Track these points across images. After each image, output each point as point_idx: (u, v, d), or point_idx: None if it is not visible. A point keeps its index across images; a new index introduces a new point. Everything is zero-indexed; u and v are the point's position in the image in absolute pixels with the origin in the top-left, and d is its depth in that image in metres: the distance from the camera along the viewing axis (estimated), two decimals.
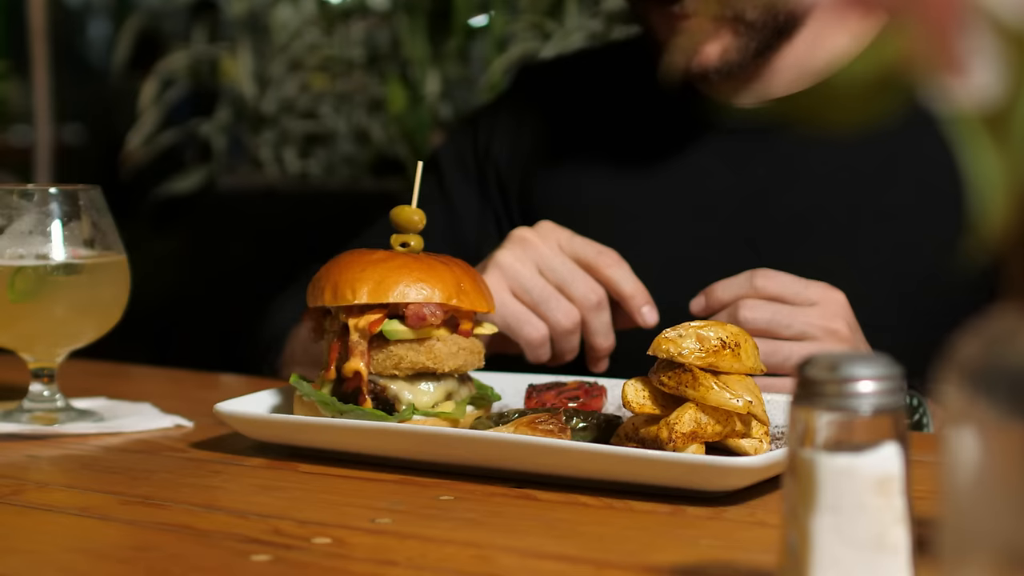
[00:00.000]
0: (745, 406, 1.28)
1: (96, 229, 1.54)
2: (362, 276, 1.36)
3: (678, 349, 1.30)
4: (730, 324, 1.34)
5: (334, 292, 1.37)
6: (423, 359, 1.36)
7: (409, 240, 1.42)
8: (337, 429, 1.33)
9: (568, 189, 1.89)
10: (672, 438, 1.28)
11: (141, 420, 1.52)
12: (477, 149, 1.99)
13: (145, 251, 3.82)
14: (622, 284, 1.59)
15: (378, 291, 1.35)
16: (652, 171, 1.85)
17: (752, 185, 1.78)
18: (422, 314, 1.35)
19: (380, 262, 1.38)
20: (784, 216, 1.76)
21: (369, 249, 1.41)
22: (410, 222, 1.42)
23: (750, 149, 1.79)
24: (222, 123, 3.54)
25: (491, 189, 1.97)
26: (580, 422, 1.38)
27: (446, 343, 1.38)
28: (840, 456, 0.90)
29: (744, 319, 1.49)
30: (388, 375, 1.37)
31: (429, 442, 1.29)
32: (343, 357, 1.37)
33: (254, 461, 1.36)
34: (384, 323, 1.36)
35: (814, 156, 1.77)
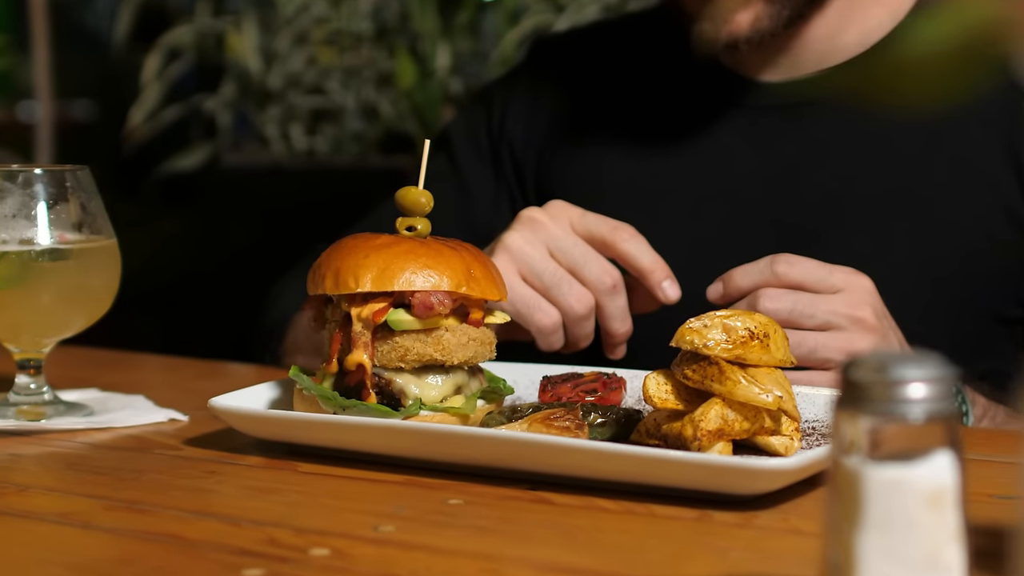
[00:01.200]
0: (775, 401, 1.19)
1: (84, 212, 1.45)
2: (365, 263, 1.28)
3: (703, 340, 1.22)
4: (758, 313, 1.25)
5: (336, 279, 1.29)
6: (430, 351, 1.28)
7: (416, 224, 1.34)
8: (338, 427, 1.24)
9: (586, 168, 1.81)
10: (697, 436, 1.19)
11: (133, 414, 1.44)
12: (491, 125, 1.90)
13: (147, 231, 3.76)
14: (639, 258, 1.50)
15: (382, 279, 1.27)
16: (674, 150, 1.76)
17: (779, 164, 1.70)
18: (429, 303, 1.27)
19: (385, 247, 1.29)
20: (813, 197, 1.68)
21: (373, 233, 1.33)
22: (417, 204, 1.34)
23: (777, 127, 1.71)
24: (227, 99, 3.48)
25: (505, 168, 1.88)
26: (598, 417, 1.29)
27: (455, 333, 1.29)
28: (888, 467, 0.81)
29: (765, 309, 1.40)
30: (393, 368, 1.28)
31: (437, 441, 1.20)
32: (345, 349, 1.28)
33: (251, 460, 1.28)
34: (389, 313, 1.27)
35: (845, 134, 1.69)
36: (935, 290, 1.64)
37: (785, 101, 1.72)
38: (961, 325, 1.66)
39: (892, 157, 1.67)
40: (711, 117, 1.75)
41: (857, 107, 1.68)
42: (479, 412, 1.31)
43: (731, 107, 1.74)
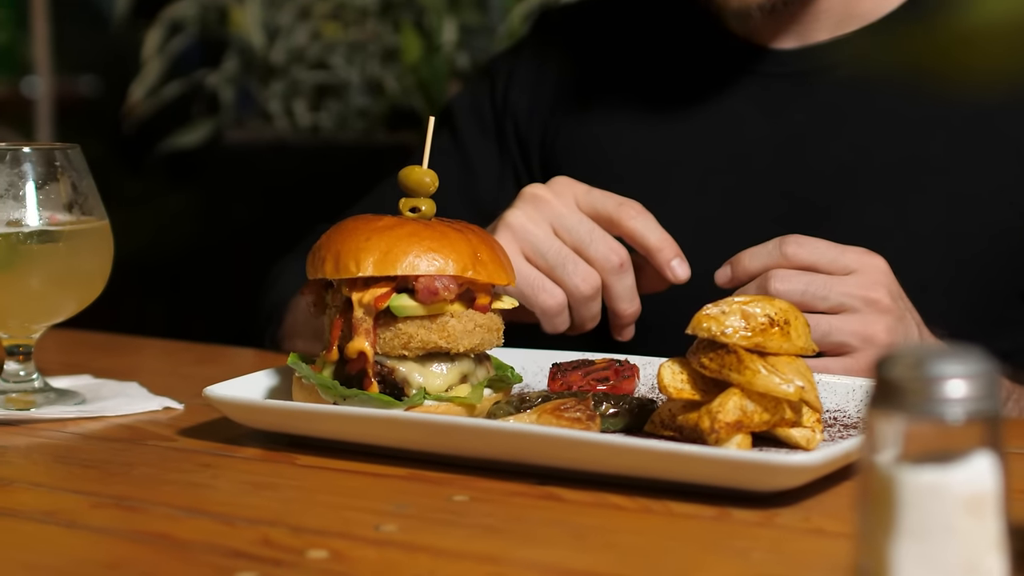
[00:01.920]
0: (797, 392, 1.14)
1: (76, 192, 1.39)
2: (367, 246, 1.22)
3: (720, 327, 1.16)
4: (779, 300, 1.19)
5: (336, 263, 1.23)
6: (435, 338, 1.22)
7: (420, 204, 1.28)
8: (338, 418, 1.19)
9: (592, 139, 1.75)
10: (715, 428, 1.14)
11: (126, 402, 1.39)
12: (495, 100, 1.84)
13: (152, 208, 3.72)
14: (647, 236, 1.44)
15: (385, 262, 1.21)
16: (682, 119, 1.71)
17: (791, 133, 1.64)
18: (434, 288, 1.21)
19: (387, 230, 1.23)
20: (826, 167, 1.62)
21: (375, 215, 1.27)
22: (421, 184, 1.28)
23: (790, 94, 1.65)
24: (230, 74, 3.43)
25: (510, 143, 1.82)
26: (610, 408, 1.24)
27: (461, 320, 1.23)
28: (925, 471, 0.76)
29: (776, 291, 1.34)
30: (396, 356, 1.23)
31: (441, 433, 1.15)
32: (346, 336, 1.23)
33: (247, 451, 1.22)
34: (392, 298, 1.22)
35: (859, 101, 1.63)
36: (958, 267, 1.59)
37: (798, 68, 1.66)
38: (984, 302, 1.60)
39: (906, 125, 1.62)
40: (721, 85, 1.69)
41: (874, 75, 1.62)
42: (486, 402, 1.25)
43: (742, 74, 1.68)
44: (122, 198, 3.98)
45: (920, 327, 1.40)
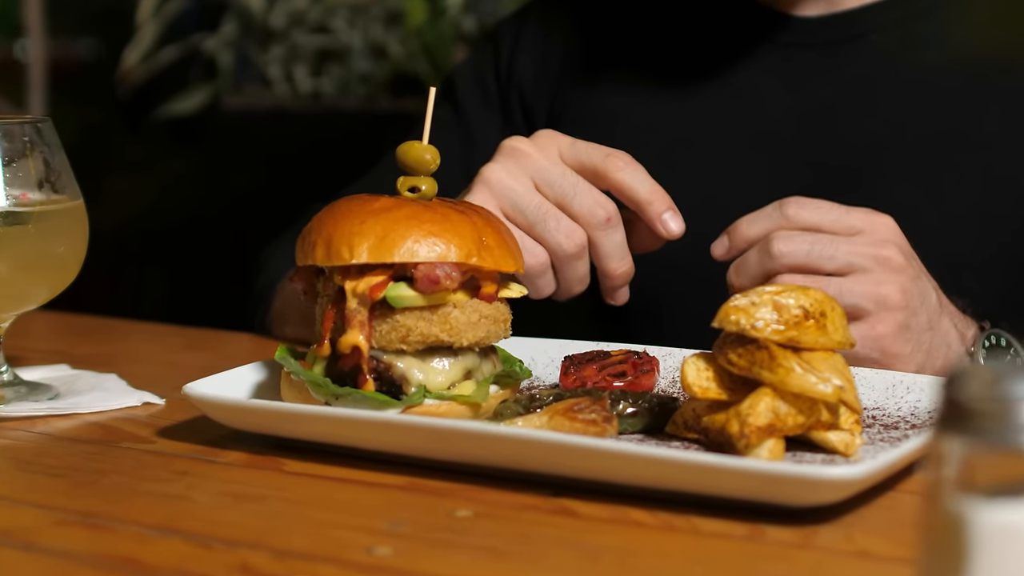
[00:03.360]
0: (835, 392, 1.03)
1: (48, 168, 1.29)
2: (361, 230, 1.11)
3: (750, 320, 1.05)
4: (813, 289, 1.09)
5: (327, 249, 1.12)
6: (436, 331, 1.12)
7: (420, 184, 1.17)
8: (329, 420, 1.08)
9: (603, 111, 1.64)
10: (744, 433, 1.03)
11: (102, 397, 1.28)
12: (499, 69, 1.73)
13: (151, 174, 3.63)
14: (636, 188, 1.31)
15: (381, 248, 1.10)
16: (697, 93, 1.60)
17: (816, 106, 1.54)
18: (435, 276, 1.10)
19: (383, 212, 1.13)
20: (853, 142, 1.52)
21: (371, 195, 1.16)
22: (421, 162, 1.17)
23: (814, 65, 1.55)
24: (228, 38, 3.36)
25: (515, 115, 1.71)
26: (628, 407, 1.13)
27: (464, 310, 1.13)
28: (1002, 507, 0.65)
29: (779, 252, 1.23)
30: (394, 350, 1.12)
31: (442, 439, 1.04)
32: (339, 328, 1.12)
33: (231, 456, 1.11)
34: (388, 287, 1.11)
35: (892, 73, 1.51)
36: (993, 247, 1.48)
37: (823, 38, 1.56)
38: (1020, 284, 1.50)
39: (939, 98, 1.52)
40: (741, 56, 1.59)
41: (907, 44, 1.51)
42: (492, 400, 1.15)
43: (763, 44, 1.57)
44: (123, 163, 3.91)
45: (938, 293, 1.29)
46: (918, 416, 1.15)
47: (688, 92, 1.61)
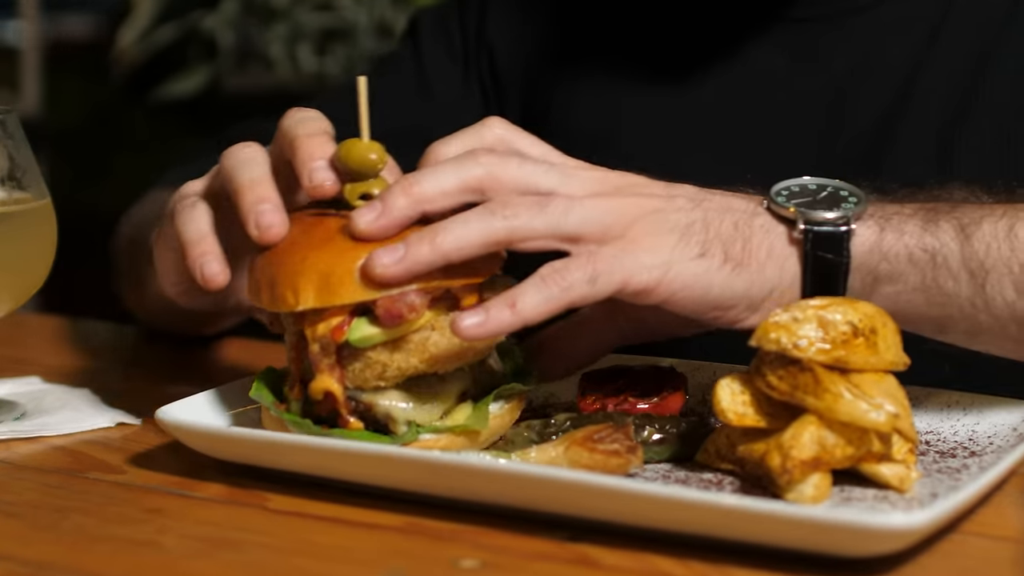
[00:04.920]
0: (889, 421, 0.91)
1: (12, 164, 1.17)
2: (303, 268, 0.96)
3: (792, 339, 0.94)
4: (862, 302, 0.97)
5: (271, 293, 0.98)
6: (415, 362, 0.98)
7: (371, 189, 1.00)
8: (319, 452, 0.96)
9: (594, 110, 1.51)
10: (787, 468, 0.91)
11: (72, 418, 1.16)
12: (465, 25, 1.59)
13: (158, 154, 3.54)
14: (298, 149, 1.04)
15: (327, 290, 0.96)
16: (697, 77, 1.47)
17: (827, 83, 1.42)
18: (396, 311, 0.96)
19: (326, 242, 0.97)
20: (867, 122, 1.40)
21: (317, 212, 1.01)
22: (365, 163, 1.00)
23: (824, 40, 1.42)
24: (228, 16, 3.28)
25: (483, 77, 1.57)
26: (654, 433, 1.02)
27: (444, 332, 0.98)
28: None
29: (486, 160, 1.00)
30: (372, 388, 0.99)
31: (444, 475, 0.92)
32: (308, 370, 0.99)
33: (210, 489, 1.00)
34: (351, 327, 0.97)
35: (904, 44, 1.40)
36: None
37: (833, 9, 1.44)
38: None
39: (961, 73, 1.39)
40: (745, 31, 1.46)
41: (926, 14, 1.39)
42: (496, 420, 1.02)
43: (768, 20, 1.45)
44: (133, 143, 3.82)
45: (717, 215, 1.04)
46: (977, 442, 1.03)
47: (687, 79, 1.49)
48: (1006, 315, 1.03)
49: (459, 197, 0.98)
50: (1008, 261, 1.02)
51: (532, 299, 0.95)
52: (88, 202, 3.98)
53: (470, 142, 1.03)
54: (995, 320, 1.03)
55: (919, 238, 1.03)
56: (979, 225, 1.03)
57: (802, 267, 1.02)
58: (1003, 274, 1.02)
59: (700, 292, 0.99)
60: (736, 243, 1.01)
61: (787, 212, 1.03)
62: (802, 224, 1.02)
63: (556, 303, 0.95)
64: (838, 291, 1.01)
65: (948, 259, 1.02)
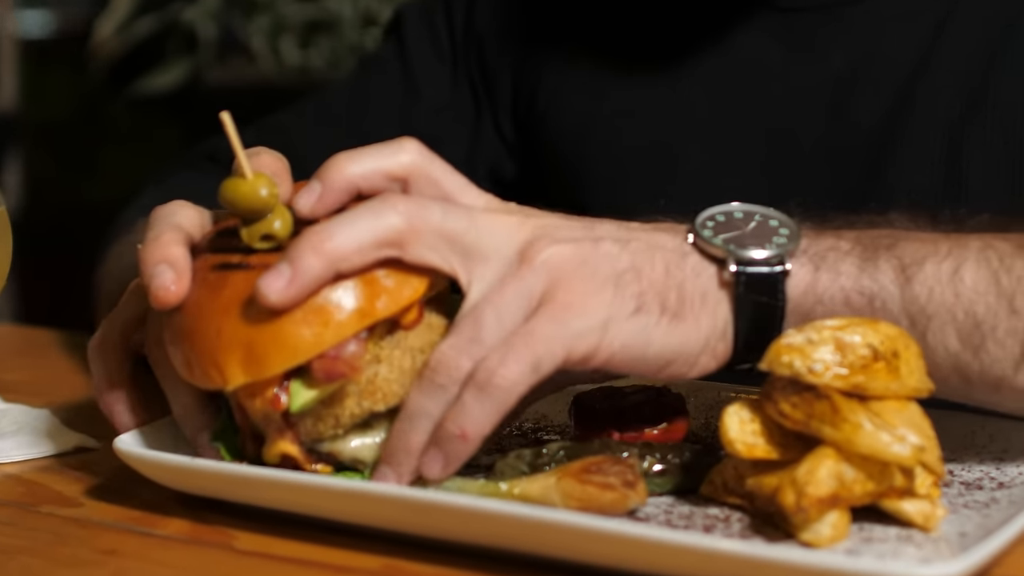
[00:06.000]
0: (914, 454, 0.84)
1: None
2: (220, 343, 0.87)
3: (807, 363, 0.86)
4: (883, 322, 0.89)
5: (192, 371, 0.89)
6: (367, 405, 0.88)
7: (270, 227, 0.89)
8: (290, 488, 0.88)
9: (583, 92, 1.43)
10: (802, 506, 0.84)
11: (29, 442, 1.08)
12: (452, 21, 1.52)
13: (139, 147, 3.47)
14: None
15: (253, 364, 0.86)
16: (691, 65, 1.40)
17: (824, 79, 1.35)
18: (337, 372, 0.86)
19: (236, 304, 0.87)
20: (869, 120, 1.33)
21: (219, 268, 0.90)
22: (257, 202, 0.89)
23: (821, 32, 1.36)
24: (209, 8, 3.21)
25: (471, 73, 1.50)
26: (655, 463, 0.94)
27: (392, 362, 0.89)
28: None
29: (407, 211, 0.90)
30: (330, 436, 0.90)
31: (422, 514, 0.85)
32: (258, 434, 0.91)
33: (171, 526, 0.92)
34: (289, 394, 0.87)
35: (908, 38, 1.34)
36: None
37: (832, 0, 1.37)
38: None
39: (969, 69, 1.32)
40: (736, 23, 1.39)
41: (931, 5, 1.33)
42: None
43: (761, 8, 1.37)
44: (116, 136, 3.76)
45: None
46: (1004, 472, 0.96)
47: (677, 59, 1.42)
48: (948, 365, 0.93)
49: (375, 253, 0.87)
50: (952, 308, 0.92)
51: (480, 417, 0.85)
52: (72, 196, 3.92)
53: (379, 162, 0.92)
54: (936, 369, 0.93)
55: (856, 280, 0.93)
56: (921, 266, 0.93)
57: (734, 312, 0.92)
58: (946, 322, 0.93)
59: (639, 351, 0.90)
60: (671, 292, 0.91)
61: (716, 251, 0.93)
62: (733, 266, 0.92)
63: (505, 407, 0.86)
64: (772, 337, 0.91)
65: (887, 303, 0.93)
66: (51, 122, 4.03)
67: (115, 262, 1.38)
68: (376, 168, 0.91)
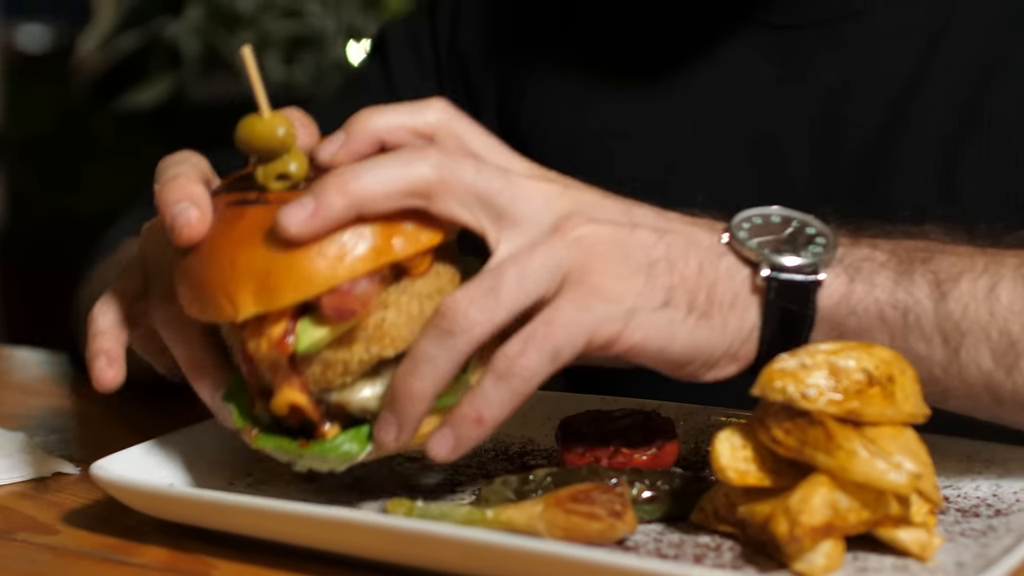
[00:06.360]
0: (910, 482, 0.82)
1: None
2: (234, 274, 0.86)
3: (800, 388, 0.84)
4: (877, 346, 0.87)
5: (202, 304, 0.87)
6: (376, 350, 0.87)
7: (286, 167, 0.88)
8: (270, 516, 0.86)
9: (568, 109, 1.41)
10: (795, 536, 0.82)
11: (4, 467, 1.06)
12: (437, 38, 1.50)
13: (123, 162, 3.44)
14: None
15: (266, 295, 0.85)
16: (680, 82, 1.38)
17: (814, 95, 1.33)
18: (348, 309, 0.85)
19: (253, 235, 0.86)
20: (862, 136, 1.31)
21: (236, 201, 0.89)
22: (273, 141, 0.88)
23: (812, 47, 1.34)
24: (192, 24, 3.16)
25: (457, 93, 1.48)
26: (644, 489, 0.92)
27: (400, 307, 0.87)
28: None
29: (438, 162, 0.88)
30: (340, 384, 0.88)
31: (407, 543, 0.83)
32: (265, 380, 0.89)
33: (149, 553, 0.90)
34: (296, 334, 0.86)
35: (901, 54, 1.31)
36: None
37: (821, 16, 1.35)
38: None
39: (964, 84, 1.30)
40: (725, 39, 1.37)
41: (923, 22, 1.31)
42: None
43: (750, 24, 1.36)
44: (100, 151, 3.73)
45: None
46: (1001, 499, 0.94)
47: (664, 82, 1.40)
48: (979, 384, 0.92)
49: (402, 201, 0.86)
50: (986, 326, 0.91)
51: (498, 404, 0.84)
52: (55, 211, 3.90)
53: (406, 118, 0.90)
54: (967, 388, 0.92)
55: (891, 293, 0.92)
56: (957, 282, 0.92)
57: (762, 317, 0.91)
58: (980, 340, 0.91)
59: (660, 345, 0.89)
60: (701, 291, 0.90)
61: (750, 254, 0.92)
62: (766, 270, 0.91)
63: (523, 396, 0.85)
64: (796, 346, 0.90)
65: (921, 319, 0.92)
66: (34, 137, 4.01)
67: (98, 283, 1.35)
68: (402, 123, 0.90)
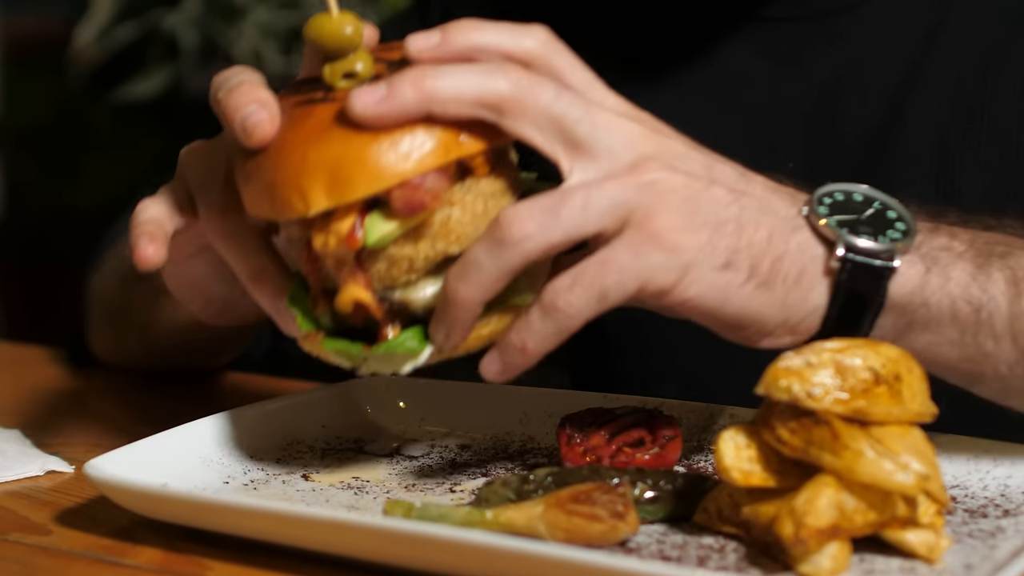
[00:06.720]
0: (918, 482, 0.81)
1: None
2: (306, 167, 0.86)
3: (806, 387, 0.83)
4: (884, 344, 0.86)
5: (272, 201, 0.88)
6: (441, 247, 0.88)
7: (352, 65, 0.89)
8: (265, 518, 0.85)
9: None
10: (801, 537, 0.80)
11: None
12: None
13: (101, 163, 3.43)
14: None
15: (337, 188, 0.85)
16: (676, 78, 1.36)
17: (808, 90, 1.32)
18: (417, 202, 0.86)
19: (323, 132, 0.86)
20: (858, 133, 1.30)
21: (303, 101, 0.89)
22: (341, 39, 0.88)
23: (806, 41, 1.33)
24: (190, 14, 3.15)
25: None
26: (647, 489, 0.91)
27: (464, 205, 0.88)
28: None
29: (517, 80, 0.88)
30: (403, 283, 0.88)
31: (404, 545, 0.81)
32: (329, 279, 0.89)
33: (143, 554, 0.88)
34: (365, 227, 0.86)
35: (897, 47, 1.30)
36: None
37: (819, 9, 1.33)
38: None
39: (962, 79, 1.29)
40: (718, 29, 1.36)
41: (922, 15, 1.30)
42: None
43: (739, 18, 1.35)
44: (99, 142, 3.71)
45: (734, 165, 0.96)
46: (1010, 498, 0.92)
47: (662, 79, 1.38)
48: None
49: (473, 109, 0.86)
50: None
51: (542, 336, 0.86)
52: (53, 203, 3.88)
53: (504, 39, 0.90)
54: None
55: (965, 288, 0.91)
56: None
57: (829, 297, 0.90)
58: None
59: (714, 305, 0.88)
60: (765, 259, 0.89)
61: (827, 231, 0.90)
62: (841, 250, 0.90)
63: (568, 331, 0.86)
64: (862, 331, 0.89)
65: (993, 316, 0.91)
66: (32, 127, 3.98)
67: (109, 269, 1.36)
68: (499, 43, 0.89)
